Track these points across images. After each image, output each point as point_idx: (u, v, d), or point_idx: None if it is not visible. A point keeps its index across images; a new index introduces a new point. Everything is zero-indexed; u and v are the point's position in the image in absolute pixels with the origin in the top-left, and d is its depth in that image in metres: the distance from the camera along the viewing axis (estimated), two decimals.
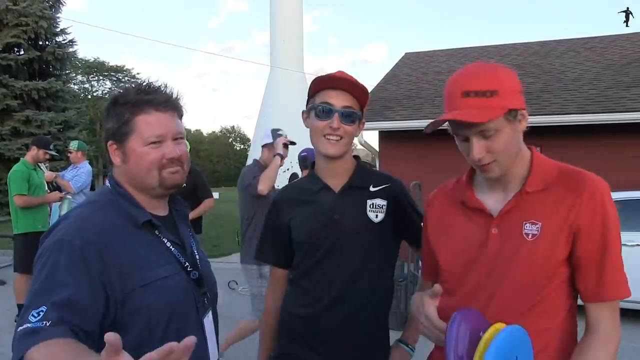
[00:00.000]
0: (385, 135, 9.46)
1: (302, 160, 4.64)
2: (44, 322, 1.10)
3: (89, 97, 45.55)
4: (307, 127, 1.76)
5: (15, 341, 1.11)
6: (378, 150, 9.63)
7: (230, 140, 70.80)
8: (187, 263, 1.41)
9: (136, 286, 1.27)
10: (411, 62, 12.17)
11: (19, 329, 1.11)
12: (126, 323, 1.25)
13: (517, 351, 1.17)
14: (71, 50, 18.50)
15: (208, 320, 1.46)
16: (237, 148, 68.75)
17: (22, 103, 16.47)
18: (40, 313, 1.12)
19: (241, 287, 7.34)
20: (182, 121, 1.45)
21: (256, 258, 1.94)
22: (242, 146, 68.28)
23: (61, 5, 18.52)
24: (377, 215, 1.74)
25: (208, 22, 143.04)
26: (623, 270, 1.28)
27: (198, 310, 1.41)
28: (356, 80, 1.68)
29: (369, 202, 1.74)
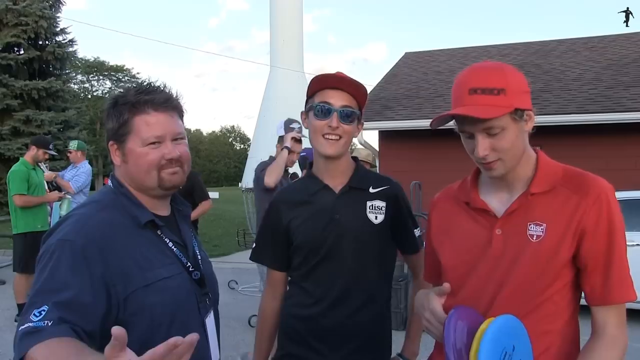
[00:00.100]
0: (385, 135, 9.45)
1: (302, 160, 4.63)
2: (46, 322, 1.10)
3: (89, 97, 45.61)
4: (306, 127, 1.76)
5: (16, 340, 1.11)
6: (378, 150, 9.62)
7: (230, 140, 70.83)
8: (189, 263, 1.41)
9: (139, 286, 1.27)
10: (411, 62, 12.16)
11: (21, 328, 1.11)
12: (128, 323, 1.25)
13: (514, 339, 1.17)
14: (71, 49, 18.42)
15: (210, 320, 1.45)
16: (237, 148, 68.78)
17: (22, 103, 16.41)
18: (42, 312, 1.12)
19: (241, 287, 7.34)
20: (183, 121, 1.44)
21: (252, 259, 1.92)
22: (242, 146, 68.30)
23: (61, 4, 18.44)
24: (377, 216, 1.74)
25: (208, 22, 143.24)
26: (629, 273, 1.27)
27: (200, 310, 1.41)
28: (355, 80, 1.68)
29: (369, 204, 1.74)
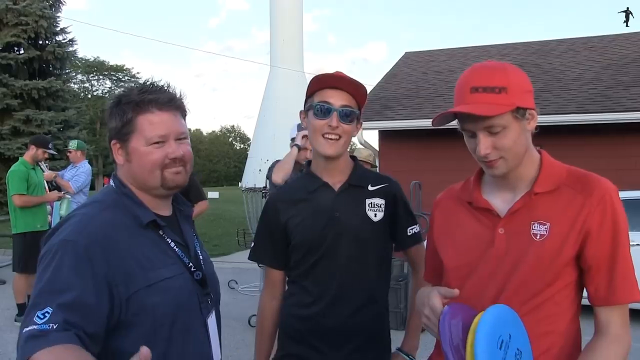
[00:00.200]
0: (385, 134, 9.45)
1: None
2: (51, 325, 1.10)
3: (89, 97, 45.60)
4: (305, 127, 1.76)
5: (20, 342, 1.11)
6: (378, 149, 9.62)
7: (230, 139, 70.85)
8: (191, 263, 1.41)
9: (141, 286, 1.26)
10: (411, 62, 12.15)
11: (25, 330, 1.11)
12: (131, 323, 1.25)
13: (510, 328, 1.17)
14: (71, 49, 18.43)
15: (212, 320, 1.45)
16: (237, 147, 68.82)
17: (22, 102, 16.42)
18: (45, 315, 1.11)
19: (241, 287, 7.34)
20: (185, 121, 1.44)
21: (251, 259, 1.91)
22: (242, 146, 68.34)
23: (61, 4, 18.44)
24: (376, 214, 1.74)
25: (208, 22, 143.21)
26: (633, 273, 1.27)
27: (202, 310, 1.41)
28: (355, 79, 1.68)
29: (368, 201, 1.75)
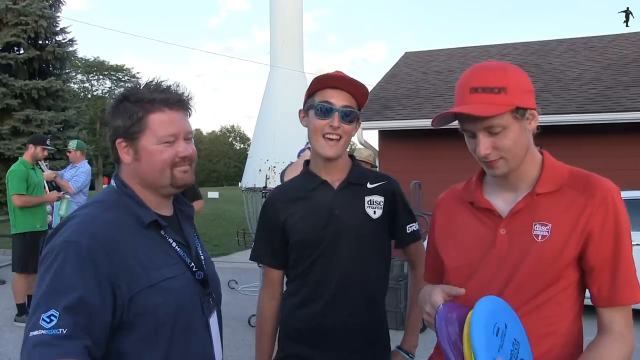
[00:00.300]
0: (385, 134, 9.45)
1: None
2: (60, 330, 1.10)
3: (89, 97, 45.59)
4: (305, 126, 1.76)
5: (27, 346, 1.10)
6: (378, 149, 9.62)
7: (230, 139, 70.87)
8: (193, 263, 1.41)
9: (143, 286, 1.27)
10: (411, 62, 12.15)
11: (32, 334, 1.11)
12: (133, 323, 1.25)
13: (504, 317, 1.18)
14: (71, 49, 18.42)
15: (213, 320, 1.46)
16: (237, 147, 68.84)
17: (22, 102, 16.41)
18: (52, 318, 1.11)
19: (241, 287, 7.35)
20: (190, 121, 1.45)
21: (252, 259, 1.92)
22: (242, 145, 68.36)
23: (61, 4, 18.43)
24: (375, 211, 1.75)
25: (208, 22, 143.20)
26: (635, 274, 1.27)
27: (203, 310, 1.41)
28: (356, 80, 1.68)
29: (367, 199, 1.75)
